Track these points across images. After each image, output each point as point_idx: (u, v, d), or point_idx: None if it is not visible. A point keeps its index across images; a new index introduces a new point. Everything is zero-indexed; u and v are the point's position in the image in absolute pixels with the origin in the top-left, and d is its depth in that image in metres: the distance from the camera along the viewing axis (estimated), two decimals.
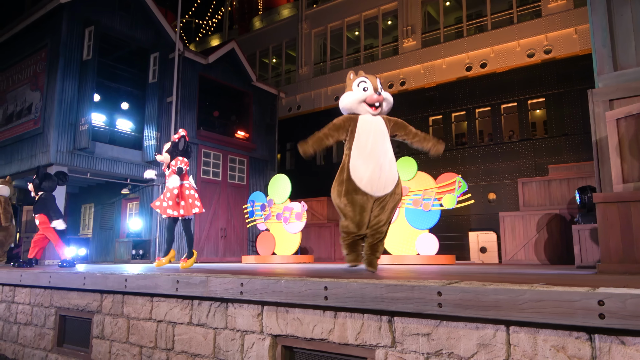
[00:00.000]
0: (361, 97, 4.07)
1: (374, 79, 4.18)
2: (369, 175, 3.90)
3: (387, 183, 3.93)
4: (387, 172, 3.94)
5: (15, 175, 13.35)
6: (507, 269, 5.41)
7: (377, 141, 4.00)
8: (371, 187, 3.91)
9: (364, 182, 3.90)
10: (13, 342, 5.40)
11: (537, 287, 2.04)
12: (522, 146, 13.38)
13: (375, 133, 4.03)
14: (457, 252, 11.14)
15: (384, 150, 3.99)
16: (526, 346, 2.10)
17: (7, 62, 14.64)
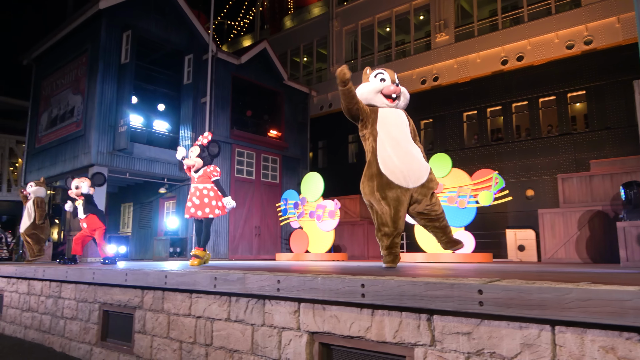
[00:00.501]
0: (378, 87, 4.01)
1: (392, 72, 4.14)
2: (401, 167, 3.76)
3: (420, 173, 3.85)
4: (417, 162, 3.86)
5: (59, 176, 13.91)
6: (548, 267, 5.25)
7: (402, 132, 3.92)
8: (405, 179, 3.77)
9: (396, 174, 3.76)
10: (60, 336, 5.63)
11: (584, 286, 1.96)
12: (561, 141, 12.94)
13: (399, 124, 3.96)
14: (494, 250, 10.87)
15: (409, 141, 3.94)
16: (573, 347, 2.03)
17: (51, 67, 15.27)
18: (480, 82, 14.61)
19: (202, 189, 5.49)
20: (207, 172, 5.55)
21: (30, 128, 16.03)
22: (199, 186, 5.52)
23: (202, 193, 5.46)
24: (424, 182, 3.85)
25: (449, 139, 15.03)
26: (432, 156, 8.76)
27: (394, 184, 3.76)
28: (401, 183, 3.77)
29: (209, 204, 5.45)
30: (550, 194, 12.52)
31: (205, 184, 5.54)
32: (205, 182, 5.55)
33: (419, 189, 3.84)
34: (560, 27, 13.34)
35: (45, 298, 6.04)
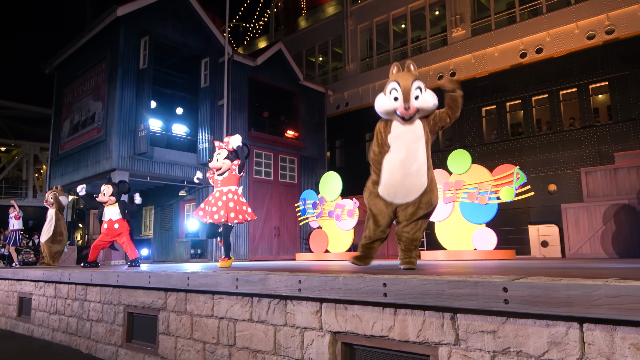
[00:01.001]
0: (390, 108, 3.72)
1: (407, 85, 3.64)
2: (390, 183, 3.73)
3: (410, 191, 3.67)
4: (411, 179, 3.68)
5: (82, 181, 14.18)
6: (573, 263, 5.14)
7: (407, 147, 3.73)
8: (388, 194, 3.74)
9: (385, 189, 3.77)
10: (86, 338, 5.74)
11: (613, 282, 1.91)
12: (584, 134, 12.67)
13: (407, 139, 3.74)
14: (516, 246, 10.70)
15: (413, 158, 3.70)
16: (602, 344, 1.98)
17: (72, 75, 15.59)
18: (499, 76, 14.40)
19: (226, 192, 5.38)
20: (231, 173, 5.44)
21: (53, 135, 16.40)
22: (223, 189, 5.40)
23: (227, 197, 5.35)
24: (410, 200, 3.68)
25: (467, 135, 14.86)
26: (451, 152, 8.67)
27: (380, 196, 3.81)
28: (385, 197, 3.78)
29: (234, 208, 5.34)
30: (574, 188, 12.26)
31: (230, 186, 5.43)
32: (230, 184, 5.43)
33: (403, 205, 3.71)
34: (580, 17, 13.06)
35: (72, 301, 6.16)
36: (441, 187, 8.50)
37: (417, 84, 3.68)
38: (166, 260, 15.58)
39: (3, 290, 8.19)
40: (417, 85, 3.67)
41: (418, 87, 3.67)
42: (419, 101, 3.66)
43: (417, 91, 3.66)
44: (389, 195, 3.75)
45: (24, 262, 15.28)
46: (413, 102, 3.64)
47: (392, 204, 3.76)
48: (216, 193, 5.45)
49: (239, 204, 5.43)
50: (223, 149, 5.52)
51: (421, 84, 3.71)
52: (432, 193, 3.72)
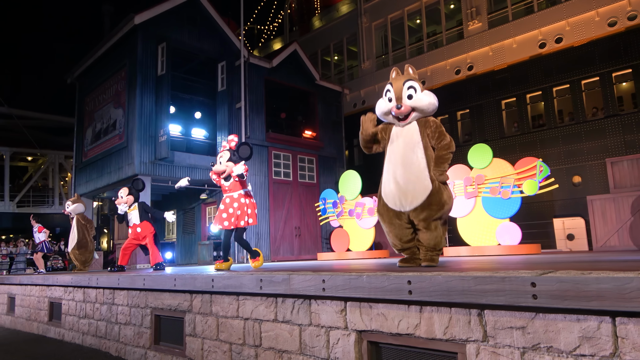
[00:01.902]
0: (385, 109, 3.76)
1: (399, 85, 3.66)
2: (392, 190, 3.69)
3: (414, 196, 3.60)
4: (412, 184, 3.61)
5: (106, 188, 14.47)
6: (601, 256, 5.03)
7: (404, 152, 3.69)
8: (394, 202, 3.69)
9: (388, 197, 3.73)
10: (115, 341, 5.86)
11: None
12: (608, 123, 12.36)
13: (403, 143, 3.71)
14: (541, 240, 10.50)
15: (411, 161, 3.65)
16: (636, 338, 1.93)
17: (93, 84, 15.91)
18: (518, 68, 14.15)
19: (237, 197, 5.26)
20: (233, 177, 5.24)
21: (76, 143, 16.77)
22: (233, 195, 5.26)
23: (240, 203, 5.24)
24: (418, 205, 3.61)
25: (487, 129, 14.64)
26: (471, 147, 8.56)
27: (387, 206, 3.77)
28: (396, 206, 3.71)
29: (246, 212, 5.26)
30: (599, 179, 11.98)
31: (239, 190, 5.28)
32: (238, 189, 5.28)
33: (413, 212, 3.65)
34: (601, 4, 12.74)
35: (100, 305, 6.30)
36: (462, 182, 8.40)
37: (410, 83, 3.68)
38: (190, 262, 15.78)
39: (34, 296, 8.42)
40: (410, 85, 3.67)
41: (410, 87, 3.67)
42: (412, 100, 3.65)
43: (410, 91, 3.66)
44: (395, 204, 3.71)
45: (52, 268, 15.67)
46: (406, 101, 3.65)
47: (403, 212, 3.70)
48: (226, 199, 5.30)
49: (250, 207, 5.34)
50: (225, 151, 5.33)
51: (415, 84, 3.69)
52: (441, 194, 3.62)
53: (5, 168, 24.50)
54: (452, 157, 3.72)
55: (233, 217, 5.24)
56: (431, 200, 3.58)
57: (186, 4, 14.18)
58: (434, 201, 3.58)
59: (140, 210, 7.26)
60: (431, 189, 3.59)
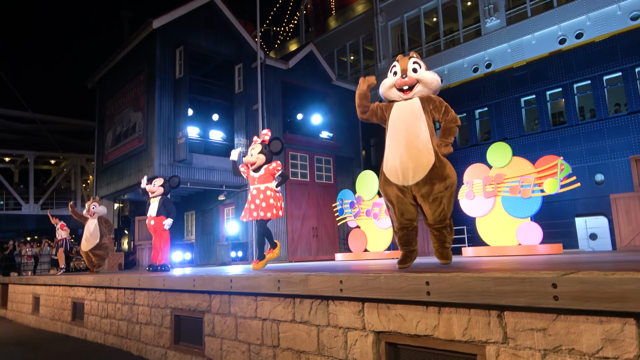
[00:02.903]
0: (390, 82, 3.89)
1: (405, 61, 3.84)
2: (395, 164, 3.71)
3: (416, 170, 3.61)
4: (415, 158, 3.62)
5: (127, 190, 14.71)
6: (625, 256, 4.91)
7: (406, 126, 3.73)
8: (397, 177, 3.70)
9: (391, 173, 3.74)
10: (136, 340, 5.95)
11: None
12: (632, 120, 12.06)
13: (405, 118, 3.77)
14: (563, 240, 10.29)
15: (414, 134, 3.68)
16: None
17: (112, 88, 16.20)
18: (537, 65, 13.92)
19: (264, 189, 5.33)
20: (268, 170, 5.37)
21: (97, 146, 17.09)
22: (260, 187, 5.33)
23: (265, 195, 5.30)
24: (420, 179, 3.61)
25: (507, 127, 14.44)
26: (490, 146, 8.45)
27: (391, 182, 3.77)
28: (398, 181, 3.72)
29: (274, 205, 5.31)
30: (623, 177, 11.70)
31: (266, 183, 5.36)
32: (267, 182, 5.36)
33: (416, 187, 3.65)
34: None
35: (121, 305, 6.40)
36: (481, 182, 8.30)
37: (415, 60, 3.87)
38: (208, 263, 15.92)
39: (58, 296, 8.60)
40: (415, 61, 3.86)
41: (415, 62, 3.86)
42: (417, 74, 3.81)
43: (415, 65, 3.84)
44: (397, 179, 3.72)
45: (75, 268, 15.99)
46: (411, 74, 3.80)
47: (406, 187, 3.70)
48: (253, 191, 5.39)
49: (275, 199, 5.38)
50: (258, 143, 5.47)
51: (419, 61, 3.89)
52: (444, 167, 3.65)
53: (30, 171, 25.12)
54: (457, 131, 3.81)
55: (259, 208, 5.28)
56: (433, 174, 3.61)
57: (203, 8, 14.33)
58: (436, 175, 3.61)
59: (160, 204, 7.31)
60: (434, 162, 3.63)
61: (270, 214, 5.31)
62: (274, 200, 5.36)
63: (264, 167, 5.39)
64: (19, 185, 26.22)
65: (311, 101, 17.62)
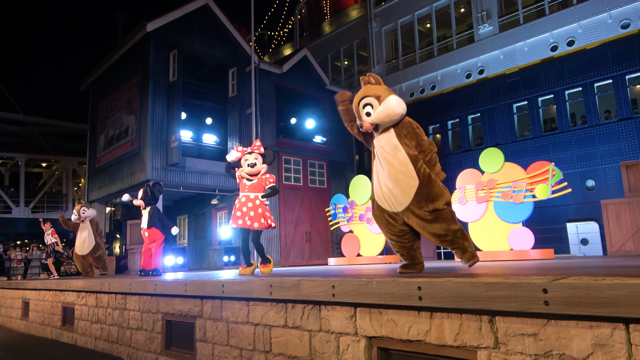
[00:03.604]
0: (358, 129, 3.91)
1: (355, 104, 3.76)
2: (383, 192, 3.72)
3: (402, 196, 3.61)
4: (399, 186, 3.62)
5: (119, 193, 14.61)
6: (616, 261, 4.95)
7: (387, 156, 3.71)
8: (387, 204, 3.72)
9: (381, 200, 3.75)
10: (127, 346, 5.89)
11: None
12: (622, 126, 12.19)
13: (386, 148, 3.73)
14: (555, 245, 10.35)
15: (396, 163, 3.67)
16: None
17: (105, 91, 16.13)
18: (530, 71, 14.05)
19: (253, 198, 5.34)
20: (262, 180, 5.41)
21: (90, 149, 16.98)
22: (250, 195, 5.35)
23: (254, 204, 5.31)
24: (407, 205, 3.61)
25: (499, 133, 14.54)
26: (482, 151, 8.50)
27: (381, 207, 3.79)
28: (386, 207, 3.75)
29: (262, 214, 5.31)
30: (613, 183, 11.82)
31: (257, 192, 5.38)
32: (257, 191, 5.39)
33: (404, 213, 3.65)
34: (614, 6, 12.62)
35: (112, 310, 6.35)
36: (473, 187, 8.34)
37: (364, 102, 3.71)
38: (200, 268, 15.84)
39: (48, 301, 8.51)
40: (365, 103, 3.70)
41: (366, 105, 3.70)
42: (371, 117, 3.68)
43: (367, 108, 3.69)
44: (388, 206, 3.73)
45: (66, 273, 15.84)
46: (365, 119, 3.70)
47: (397, 214, 3.69)
48: (242, 198, 5.38)
49: (263, 209, 5.38)
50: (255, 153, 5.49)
51: (370, 100, 3.69)
52: (431, 187, 3.59)
53: (21, 174, 24.90)
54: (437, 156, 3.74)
55: (247, 216, 5.25)
56: (420, 197, 3.57)
57: (198, 11, 14.33)
58: (422, 197, 3.56)
59: (150, 215, 7.26)
60: (418, 184, 3.59)
61: (258, 224, 5.28)
62: (262, 210, 5.35)
63: (258, 177, 5.43)
64: (9, 188, 25.97)
65: (305, 106, 17.64)
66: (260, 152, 5.54)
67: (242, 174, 5.44)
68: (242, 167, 5.45)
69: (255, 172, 5.42)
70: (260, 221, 5.30)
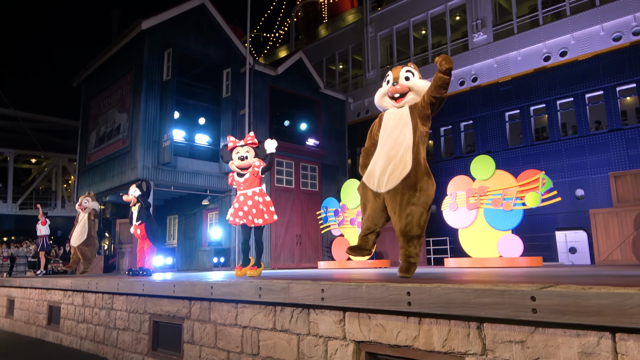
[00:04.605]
0: (384, 90, 3.99)
1: (398, 69, 3.91)
2: (373, 169, 3.83)
3: (391, 175, 3.65)
4: (394, 163, 3.65)
5: (109, 192, 14.49)
6: (603, 270, 4.99)
7: (390, 133, 3.79)
8: (373, 182, 3.81)
9: (369, 177, 3.87)
10: (113, 346, 5.83)
11: None
12: (612, 137, 12.34)
13: (391, 125, 3.83)
14: (543, 253, 10.44)
15: (396, 141, 3.72)
16: (637, 355, 1.91)
17: (98, 88, 16.01)
18: (522, 81, 14.18)
19: (252, 195, 5.24)
20: (253, 172, 5.26)
21: (80, 146, 16.83)
22: (247, 192, 5.24)
23: (254, 200, 5.22)
24: (392, 187, 3.63)
25: (491, 140, 14.65)
26: (474, 158, 8.56)
27: (367, 186, 3.90)
28: (373, 186, 3.82)
29: (264, 210, 5.22)
30: (602, 193, 11.94)
31: (253, 188, 5.26)
32: (253, 186, 5.27)
33: (387, 195, 3.67)
34: (606, 19, 12.79)
35: (99, 310, 6.28)
36: (464, 194, 8.38)
37: (408, 68, 3.94)
38: (190, 268, 15.74)
39: (33, 299, 8.41)
40: (407, 70, 3.93)
41: (408, 71, 3.91)
42: (409, 82, 3.86)
43: (408, 74, 3.90)
44: (373, 184, 3.80)
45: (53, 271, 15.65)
46: (402, 82, 3.86)
47: (379, 194, 3.77)
48: (240, 197, 5.27)
49: (265, 204, 5.30)
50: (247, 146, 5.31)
51: (413, 70, 3.93)
52: (419, 179, 3.61)
53: (9, 169, 24.60)
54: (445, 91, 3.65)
55: (249, 214, 5.18)
56: (405, 184, 3.60)
57: (193, 11, 14.29)
58: (407, 185, 3.59)
59: (138, 211, 7.26)
60: (408, 171, 3.62)
61: (262, 220, 5.21)
62: (264, 206, 5.27)
63: (250, 170, 5.26)
64: None
65: (298, 108, 17.64)
66: (252, 144, 5.35)
67: (233, 167, 5.32)
68: (233, 160, 5.29)
69: (245, 165, 5.25)
70: (264, 217, 5.23)
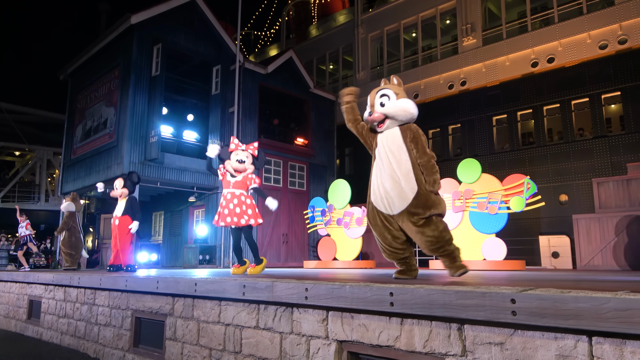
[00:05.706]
0: (365, 117, 3.89)
1: (373, 95, 3.78)
2: (380, 193, 3.69)
3: (399, 199, 3.59)
4: (398, 187, 3.60)
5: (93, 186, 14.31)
6: (584, 275, 5.07)
7: (389, 156, 3.71)
8: (383, 206, 3.69)
9: (378, 201, 3.73)
10: (94, 342, 5.77)
11: (623, 295, 1.89)
12: (596, 144, 12.54)
13: (389, 147, 3.73)
14: (527, 257, 10.57)
15: (397, 164, 3.66)
16: (612, 358, 1.95)
17: (85, 81, 15.80)
18: (510, 86, 14.34)
19: (239, 195, 5.34)
20: (246, 178, 5.40)
21: (66, 140, 16.61)
22: (235, 192, 5.34)
23: (240, 200, 5.31)
24: (404, 208, 3.59)
25: (478, 144, 14.78)
26: (460, 161, 8.63)
27: (376, 209, 3.77)
28: (381, 209, 3.73)
29: (246, 211, 5.30)
30: (585, 199, 12.13)
31: (242, 189, 5.38)
32: (242, 188, 5.39)
33: (399, 217, 3.64)
34: (593, 27, 12.99)
35: (81, 305, 6.21)
36: (450, 196, 8.45)
37: (383, 92, 3.77)
38: (175, 265, 15.63)
39: (14, 293, 8.28)
40: (382, 94, 3.76)
41: (383, 95, 3.76)
42: (384, 108, 3.72)
43: (383, 99, 3.75)
44: (384, 208, 3.70)
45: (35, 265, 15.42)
46: (378, 109, 3.74)
47: (392, 217, 3.68)
48: (227, 195, 5.35)
49: (250, 207, 5.40)
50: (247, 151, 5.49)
51: (389, 92, 3.76)
52: (429, 196, 3.59)
53: None
54: (437, 166, 3.68)
55: (234, 214, 5.25)
56: (417, 203, 3.55)
57: (184, 6, 14.18)
58: (419, 204, 3.55)
59: (127, 204, 7.20)
60: (417, 191, 3.57)
61: (245, 220, 5.28)
62: (247, 207, 5.35)
63: (243, 175, 5.43)
64: None
65: (288, 107, 17.62)
66: (253, 153, 5.54)
67: (228, 167, 5.41)
68: (230, 161, 5.41)
69: (241, 169, 5.41)
70: (249, 214, 5.32)
